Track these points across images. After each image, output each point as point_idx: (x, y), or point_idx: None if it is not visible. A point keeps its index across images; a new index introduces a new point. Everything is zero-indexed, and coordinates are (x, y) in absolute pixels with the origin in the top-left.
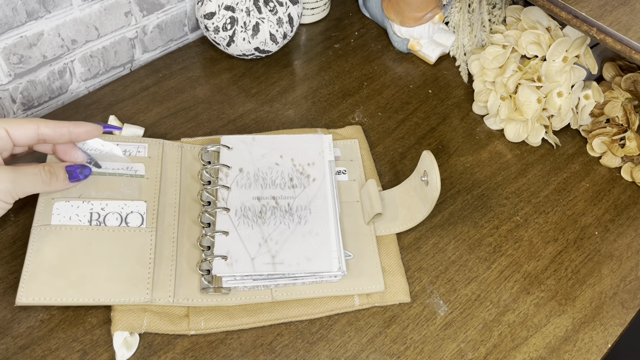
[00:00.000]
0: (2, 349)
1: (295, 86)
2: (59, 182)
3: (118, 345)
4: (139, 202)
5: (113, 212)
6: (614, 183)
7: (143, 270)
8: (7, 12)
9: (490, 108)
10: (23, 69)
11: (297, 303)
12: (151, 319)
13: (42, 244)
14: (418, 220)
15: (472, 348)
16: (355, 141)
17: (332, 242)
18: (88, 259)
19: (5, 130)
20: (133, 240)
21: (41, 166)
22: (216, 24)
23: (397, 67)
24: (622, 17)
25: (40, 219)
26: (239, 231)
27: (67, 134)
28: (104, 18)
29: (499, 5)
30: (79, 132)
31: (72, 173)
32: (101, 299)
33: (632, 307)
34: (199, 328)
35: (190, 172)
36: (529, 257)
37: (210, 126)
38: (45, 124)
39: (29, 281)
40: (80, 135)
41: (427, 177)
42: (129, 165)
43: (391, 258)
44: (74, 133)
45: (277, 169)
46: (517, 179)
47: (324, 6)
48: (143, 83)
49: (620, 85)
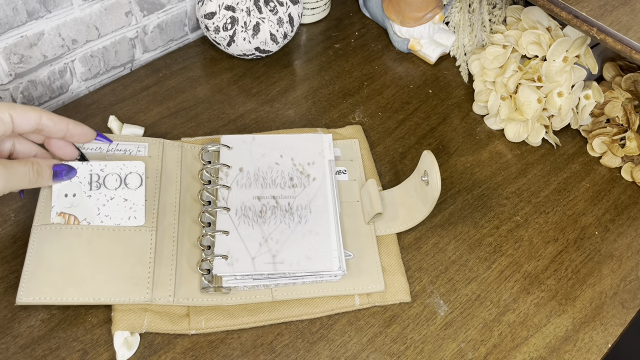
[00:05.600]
0: (2, 348)
1: (295, 86)
2: (43, 180)
3: (119, 345)
4: (137, 162)
5: (112, 174)
6: (614, 183)
7: (143, 270)
8: (8, 11)
9: (490, 108)
10: (23, 69)
11: (298, 302)
12: (152, 318)
13: (42, 243)
14: (418, 220)
15: (472, 348)
16: (356, 141)
17: (332, 242)
18: (88, 258)
19: (9, 114)
20: (133, 239)
21: (30, 164)
22: (217, 23)
23: (397, 67)
24: (622, 17)
25: (41, 218)
26: (240, 231)
27: (65, 130)
28: (104, 18)
29: (500, 5)
30: (76, 132)
31: (57, 173)
32: (101, 299)
33: (632, 307)
34: (199, 327)
35: (191, 171)
36: (529, 257)
37: (210, 126)
38: (48, 115)
39: (29, 280)
40: (76, 135)
41: (427, 177)
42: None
43: (391, 258)
44: (71, 132)
45: (277, 168)
46: (518, 179)
47: (324, 6)
48: (143, 83)
49: (620, 85)
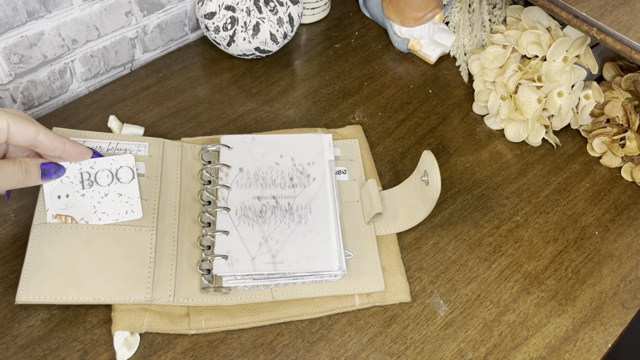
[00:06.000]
0: (2, 348)
1: (295, 86)
2: (32, 179)
3: (119, 345)
4: (126, 155)
5: (102, 170)
6: (614, 183)
7: (143, 270)
8: (8, 11)
9: (490, 108)
10: (23, 69)
11: (298, 302)
12: (152, 318)
13: (42, 242)
14: (418, 220)
15: (472, 348)
16: (356, 141)
17: (332, 242)
18: (88, 257)
19: (7, 123)
20: (133, 239)
21: (18, 163)
22: (217, 23)
23: (397, 67)
24: (622, 17)
25: (40, 217)
26: (240, 231)
27: (61, 150)
28: (104, 18)
29: (500, 5)
30: (73, 152)
31: (46, 172)
32: (101, 298)
33: (632, 307)
34: (199, 327)
35: (191, 171)
36: (529, 257)
37: (210, 126)
38: (45, 133)
39: (29, 280)
40: (73, 155)
41: (427, 177)
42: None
43: (391, 258)
44: (68, 151)
45: (277, 168)
46: (518, 179)
47: (324, 6)
48: (143, 83)
49: (620, 85)
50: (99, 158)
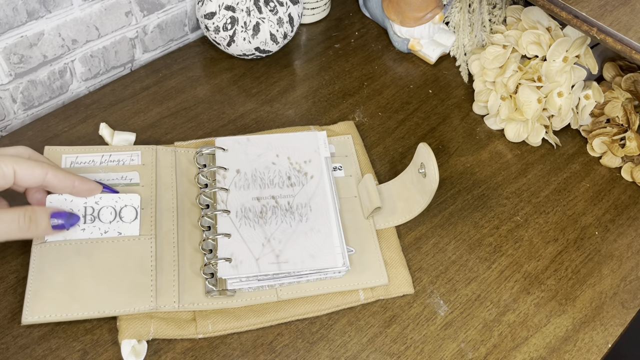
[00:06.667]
0: (2, 348)
1: (295, 86)
2: (38, 229)
3: (126, 353)
4: (132, 195)
5: (107, 207)
6: (614, 183)
7: (145, 279)
8: (8, 11)
9: (490, 108)
10: (23, 69)
11: (303, 301)
12: (158, 325)
13: (43, 261)
14: (417, 212)
15: (473, 348)
16: (349, 137)
17: (334, 238)
18: (90, 272)
19: (13, 169)
20: (133, 249)
21: (21, 211)
22: (217, 23)
23: (397, 67)
24: (622, 17)
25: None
26: (242, 232)
27: (71, 187)
28: (104, 18)
29: (500, 5)
30: (82, 189)
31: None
32: (106, 311)
33: (632, 307)
34: (206, 331)
35: (187, 176)
36: (529, 257)
37: (210, 126)
38: (54, 172)
39: (33, 300)
40: (82, 192)
41: (424, 169)
42: (123, 175)
43: (392, 251)
44: (77, 188)
45: (274, 168)
46: (518, 179)
47: (324, 6)
48: (143, 83)
49: (620, 85)
50: (105, 194)
